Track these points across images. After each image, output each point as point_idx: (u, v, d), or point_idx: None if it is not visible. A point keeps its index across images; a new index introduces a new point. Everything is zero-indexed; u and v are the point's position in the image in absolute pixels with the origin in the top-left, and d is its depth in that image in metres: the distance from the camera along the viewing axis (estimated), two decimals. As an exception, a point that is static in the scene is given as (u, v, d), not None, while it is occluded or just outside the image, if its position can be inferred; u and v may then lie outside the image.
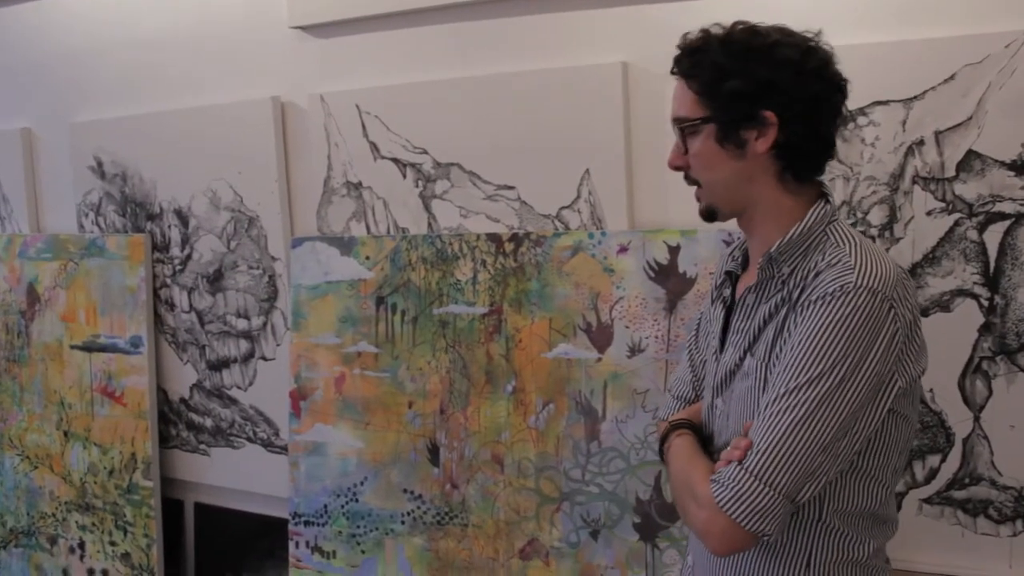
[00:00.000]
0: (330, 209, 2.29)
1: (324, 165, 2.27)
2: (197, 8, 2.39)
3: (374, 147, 2.22)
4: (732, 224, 1.84)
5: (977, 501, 1.73)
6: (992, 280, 1.70)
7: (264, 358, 2.43)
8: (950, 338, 1.72)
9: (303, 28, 2.25)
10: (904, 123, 1.73)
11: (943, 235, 1.73)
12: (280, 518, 2.41)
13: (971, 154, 1.69)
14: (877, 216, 1.78)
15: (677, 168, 1.32)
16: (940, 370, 1.71)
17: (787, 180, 1.28)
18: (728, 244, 1.85)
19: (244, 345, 2.45)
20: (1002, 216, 1.68)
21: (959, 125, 1.69)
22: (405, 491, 2.19)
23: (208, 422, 2.54)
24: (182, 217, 2.49)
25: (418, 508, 2.18)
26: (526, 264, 2.05)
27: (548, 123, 2.02)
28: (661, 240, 1.92)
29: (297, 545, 2.31)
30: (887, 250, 1.75)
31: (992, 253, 1.70)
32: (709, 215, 1.33)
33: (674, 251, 1.91)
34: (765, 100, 1.23)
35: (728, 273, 1.41)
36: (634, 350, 1.95)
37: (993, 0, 1.66)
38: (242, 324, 2.44)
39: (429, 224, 2.18)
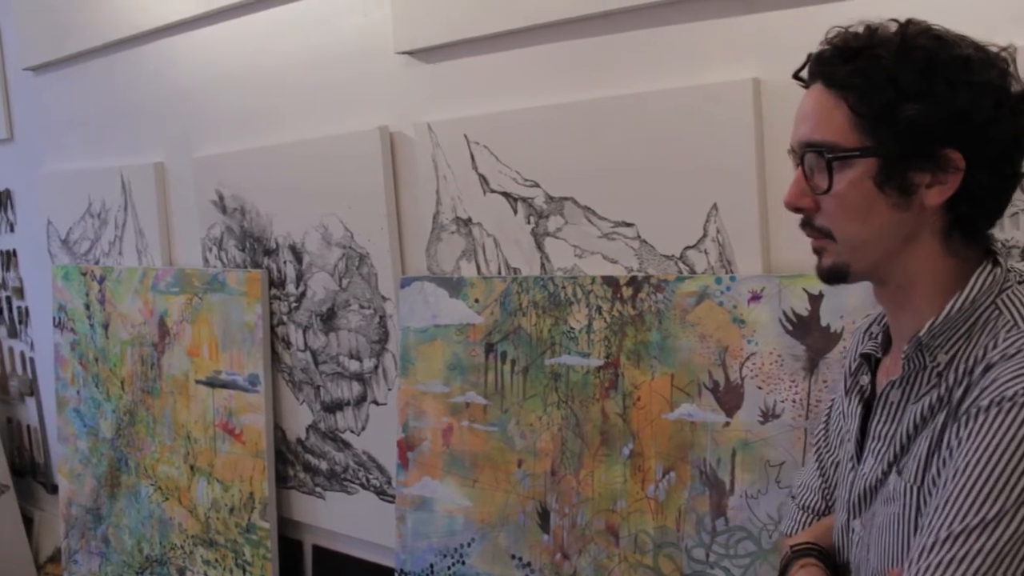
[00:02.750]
0: (439, 247, 2.13)
1: (433, 199, 2.12)
2: (306, 39, 2.30)
3: (483, 180, 2.04)
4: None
5: None
6: None
7: (376, 403, 2.30)
8: None
9: (410, 53, 2.11)
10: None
11: None
12: (392, 568, 2.28)
13: None
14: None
15: (798, 210, 1.02)
16: None
17: (953, 239, 0.98)
18: (882, 294, 1.54)
19: (356, 388, 2.34)
20: None
21: None
22: (513, 557, 2.00)
23: (323, 465, 2.45)
24: (296, 253, 2.40)
25: (527, 577, 1.98)
26: (645, 312, 1.81)
27: (670, 151, 1.77)
28: (800, 287, 1.63)
29: (404, 604, 2.17)
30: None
31: None
32: (836, 276, 1.02)
33: (815, 300, 1.62)
34: (951, 136, 0.92)
35: (865, 356, 1.11)
36: (768, 415, 1.67)
37: None
38: (354, 366, 2.33)
39: (542, 264, 1.98)
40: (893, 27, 0.96)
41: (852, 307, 1.58)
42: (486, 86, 2.01)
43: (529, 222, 1.99)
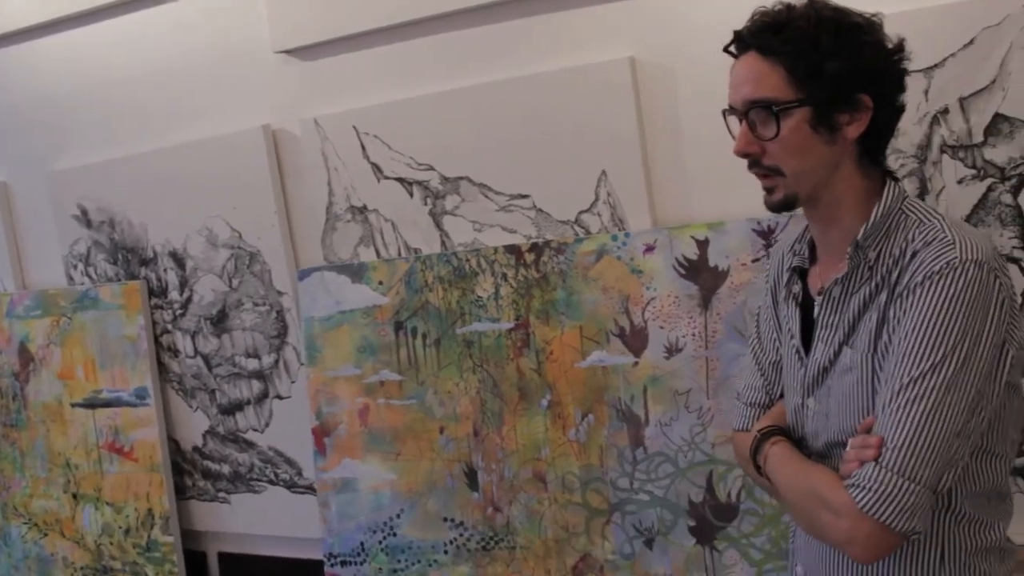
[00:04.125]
0: (335, 236, 2.21)
1: (325, 191, 2.19)
2: (176, 42, 2.30)
3: (376, 168, 2.14)
4: (762, 212, 1.81)
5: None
6: (1032, 242, 1.67)
7: (279, 397, 2.34)
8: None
9: (288, 52, 2.17)
10: (927, 92, 1.70)
11: (977, 202, 1.70)
12: (311, 560, 2.33)
13: (998, 117, 1.66)
14: (907, 188, 1.74)
15: (747, 155, 1.24)
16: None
17: (864, 164, 1.24)
18: (759, 233, 1.81)
19: (256, 385, 2.36)
20: (1035, 177, 1.66)
21: (983, 89, 1.66)
22: (445, 519, 2.12)
23: (225, 468, 2.45)
24: (178, 259, 2.39)
25: (461, 535, 2.11)
26: (549, 273, 1.99)
27: (558, 127, 1.96)
28: (688, 235, 1.87)
29: (335, 586, 2.23)
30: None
31: (1029, 215, 1.68)
32: (787, 205, 1.25)
33: (703, 245, 1.86)
34: (862, 83, 1.18)
35: (796, 269, 1.35)
36: (671, 350, 1.90)
37: (1009, -41, 1.63)
38: (252, 364, 2.35)
39: (442, 242, 2.11)
40: (803, 3, 1.22)
41: (734, 248, 1.84)
42: (372, 79, 2.12)
43: (426, 203, 2.11)
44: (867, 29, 1.20)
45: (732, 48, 1.26)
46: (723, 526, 1.87)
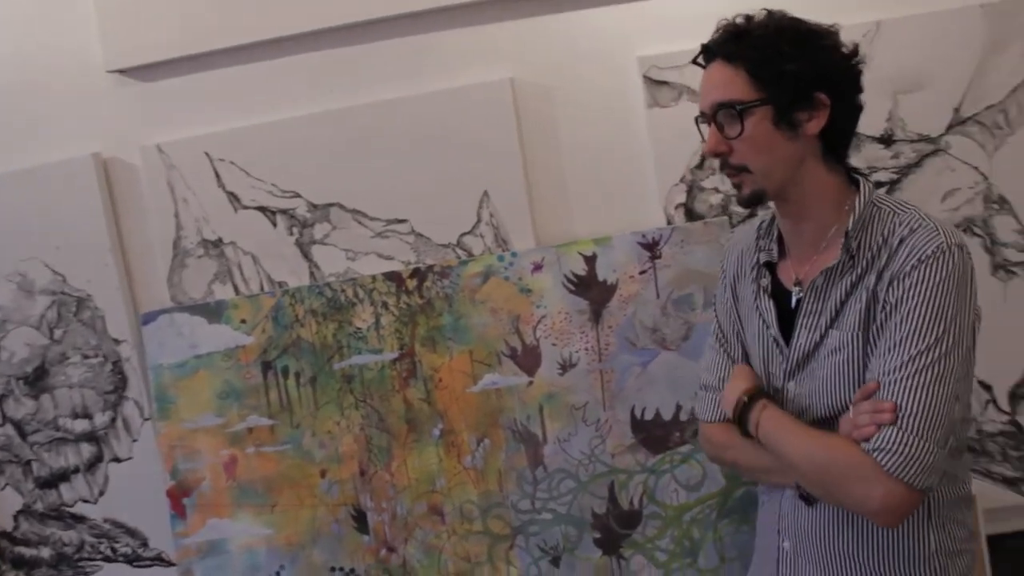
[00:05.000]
0: (184, 274, 2.01)
1: (172, 225, 1.99)
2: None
3: (233, 197, 1.98)
4: (646, 225, 1.91)
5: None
6: (878, 243, 1.88)
7: (117, 459, 2.07)
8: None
9: (123, 72, 1.95)
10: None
11: (830, 209, 1.89)
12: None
13: (845, 133, 1.86)
14: (769, 200, 1.90)
15: (718, 155, 1.32)
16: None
17: (830, 160, 1.34)
18: (644, 246, 1.88)
19: (87, 450, 2.07)
20: (879, 184, 1.88)
21: (833, 108, 1.86)
22: (333, 569, 1.97)
23: (45, 552, 2.11)
24: (-21, 312, 2.05)
25: (351, 584, 1.97)
26: (434, 299, 1.94)
27: (437, 149, 1.93)
28: (575, 252, 1.91)
29: (202, 665, 1.99)
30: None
31: (872, 219, 1.89)
32: (754, 200, 1.33)
33: (590, 260, 1.91)
34: (819, 83, 1.28)
35: (767, 264, 1.42)
36: (565, 366, 1.91)
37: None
38: (81, 425, 2.06)
39: (311, 273, 1.99)
40: (762, 15, 1.32)
41: (621, 261, 1.90)
42: (227, 101, 1.96)
43: (292, 233, 1.98)
44: (823, 35, 1.31)
45: (700, 59, 1.33)
46: (628, 534, 1.91)
